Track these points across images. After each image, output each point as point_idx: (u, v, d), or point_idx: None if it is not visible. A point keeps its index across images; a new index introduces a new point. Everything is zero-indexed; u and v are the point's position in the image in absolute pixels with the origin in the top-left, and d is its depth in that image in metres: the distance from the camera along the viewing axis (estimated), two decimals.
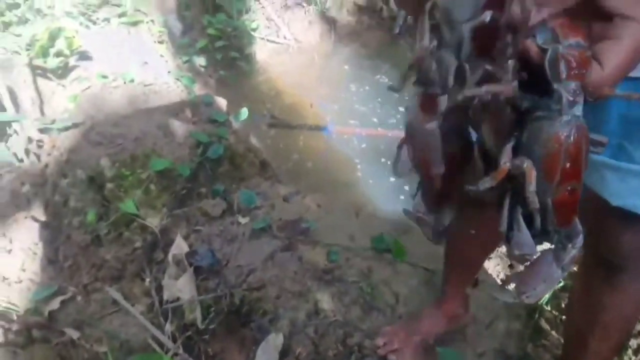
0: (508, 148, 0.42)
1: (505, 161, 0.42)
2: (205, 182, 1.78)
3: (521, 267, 0.55)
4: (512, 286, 0.51)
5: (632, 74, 0.62)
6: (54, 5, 2.32)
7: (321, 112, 2.57)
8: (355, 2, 3.12)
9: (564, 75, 0.38)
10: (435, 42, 0.42)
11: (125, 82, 2.02)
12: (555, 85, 0.39)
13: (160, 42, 2.51)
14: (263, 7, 3.00)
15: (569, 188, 0.42)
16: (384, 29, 3.06)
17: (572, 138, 0.40)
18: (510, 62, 0.40)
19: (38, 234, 1.60)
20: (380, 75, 2.68)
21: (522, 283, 0.49)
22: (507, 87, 0.40)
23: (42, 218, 1.62)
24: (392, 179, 2.03)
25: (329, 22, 3.12)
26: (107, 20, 2.35)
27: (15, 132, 1.77)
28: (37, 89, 2.02)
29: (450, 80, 0.42)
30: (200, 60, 2.62)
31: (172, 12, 2.63)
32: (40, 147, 1.77)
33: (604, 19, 0.37)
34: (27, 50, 2.01)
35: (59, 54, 2.07)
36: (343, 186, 2.10)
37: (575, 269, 0.93)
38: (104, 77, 2.00)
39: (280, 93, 2.73)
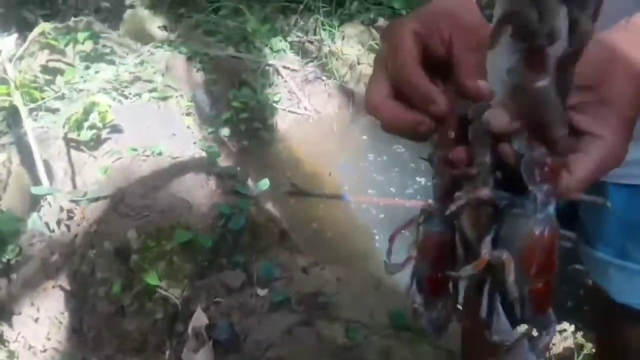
0: (488, 240, 0.45)
1: (486, 252, 0.45)
2: (226, 252, 1.82)
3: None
4: None
5: (630, 182, 0.65)
6: (89, 81, 2.49)
7: (340, 181, 2.64)
8: (360, 71, 3.26)
9: (538, 179, 0.42)
10: None
11: (153, 155, 2.12)
12: (530, 187, 0.42)
13: (188, 115, 2.64)
14: (285, 81, 3.14)
15: (544, 280, 0.44)
16: None
17: (546, 234, 0.43)
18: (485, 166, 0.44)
19: (64, 303, 1.65)
20: (397, 145, 2.75)
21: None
22: (484, 191, 0.44)
23: (69, 287, 1.68)
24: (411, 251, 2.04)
25: (348, 94, 3.24)
26: (138, 95, 2.50)
27: (49, 203, 1.86)
28: (70, 160, 2.14)
29: (557, 26, 0.38)
30: (225, 131, 2.74)
31: (200, 87, 2.78)
32: (70, 217, 1.85)
33: (577, 134, 0.43)
34: (63, 124, 2.13)
35: (92, 127, 2.20)
36: (362, 257, 2.13)
37: None
38: (134, 150, 2.11)
39: (300, 162, 2.81)
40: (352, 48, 3.32)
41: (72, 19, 2.85)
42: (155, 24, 3.07)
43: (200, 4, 3.32)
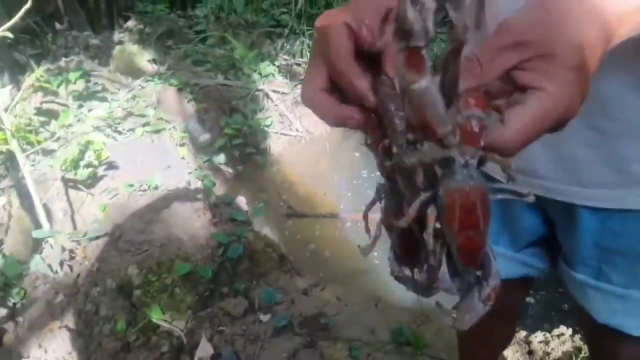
0: (418, 200, 0.47)
1: (412, 208, 0.47)
2: (226, 281, 1.85)
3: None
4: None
5: (603, 205, 0.66)
6: (83, 120, 2.54)
7: (335, 199, 2.68)
8: None
9: (456, 141, 0.43)
10: None
11: (150, 189, 2.16)
12: (447, 152, 0.44)
13: (182, 145, 2.69)
14: (276, 104, 3.20)
15: (468, 235, 0.46)
16: None
17: (464, 193, 0.45)
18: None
19: (71, 343, 1.68)
20: None
21: (457, 313, 0.54)
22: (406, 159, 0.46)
23: (75, 327, 1.71)
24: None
25: None
26: (132, 130, 2.55)
27: (50, 244, 1.90)
28: (68, 200, 2.18)
29: (430, 27, 0.40)
30: (219, 159, 2.78)
31: (193, 117, 2.83)
32: (72, 257, 1.88)
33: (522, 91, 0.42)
34: (60, 165, 2.18)
35: (88, 165, 2.24)
36: (361, 275, 2.16)
37: None
38: (131, 185, 2.15)
39: (294, 183, 2.85)
40: None
41: (63, 59, 2.91)
42: (144, 58, 3.13)
43: (187, 35, 3.38)
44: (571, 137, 0.63)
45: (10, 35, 1.45)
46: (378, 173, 0.59)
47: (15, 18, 1.45)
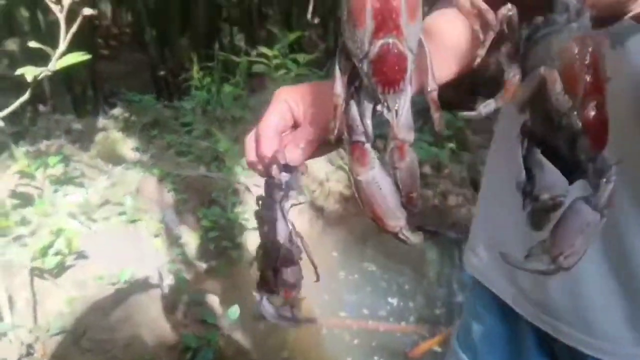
0: (515, 66, 0.39)
1: (515, 74, 0.38)
2: None
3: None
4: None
5: None
6: (57, 205, 2.47)
7: (311, 302, 2.60)
8: (341, 193, 3.36)
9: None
10: (353, 88, 0.41)
11: (119, 282, 2.07)
12: None
13: (157, 236, 2.62)
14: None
15: (595, 102, 0.36)
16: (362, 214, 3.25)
17: (588, 43, 0.36)
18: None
19: None
20: (367, 262, 2.78)
21: (555, 245, 0.41)
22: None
23: None
24: None
25: (317, 210, 3.31)
26: (107, 219, 2.48)
27: (9, 339, 1.76)
28: (32, 290, 2.06)
29: (368, 125, 0.41)
30: (194, 252, 2.71)
31: (171, 208, 2.79)
32: (31, 354, 1.75)
33: None
34: (29, 252, 2.08)
35: (57, 254, 2.15)
36: None
37: None
38: (100, 278, 2.05)
39: None
40: (321, 166, 3.44)
41: (44, 142, 2.89)
42: (127, 146, 3.14)
43: (172, 126, 3.43)
44: (592, 284, 0.63)
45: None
46: (356, 275, 0.62)
47: (12, 107, 1.45)
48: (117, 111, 3.43)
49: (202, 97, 3.77)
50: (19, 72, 1.36)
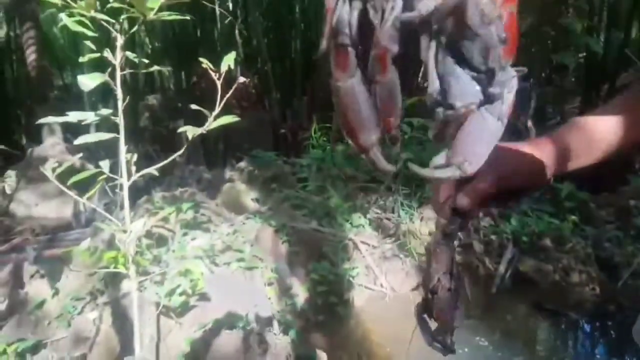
0: None
1: None
2: None
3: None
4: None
5: None
6: (186, 247, 2.68)
7: None
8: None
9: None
10: None
11: (236, 327, 2.17)
12: None
13: (270, 285, 2.72)
14: (363, 256, 3.22)
15: (509, 11, 0.39)
16: (479, 287, 3.12)
17: None
18: None
19: None
20: (480, 337, 2.64)
21: (458, 152, 0.43)
22: None
23: None
24: None
25: None
26: (228, 264, 2.64)
27: None
28: (158, 326, 2.22)
29: (354, 27, 0.40)
30: (303, 304, 2.77)
31: (283, 259, 2.89)
32: None
33: None
34: (159, 290, 2.26)
35: (182, 294, 2.31)
36: None
37: None
38: (218, 321, 2.16)
39: (375, 344, 2.74)
40: (430, 229, 3.40)
41: (179, 189, 3.18)
42: (249, 197, 3.34)
43: (290, 181, 3.61)
44: None
45: (156, 173, 1.61)
46: (467, 349, 0.65)
47: (167, 160, 1.63)
48: (242, 164, 3.69)
49: (318, 155, 3.95)
50: (180, 130, 1.54)
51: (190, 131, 1.54)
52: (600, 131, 0.69)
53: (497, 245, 3.45)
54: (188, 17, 1.48)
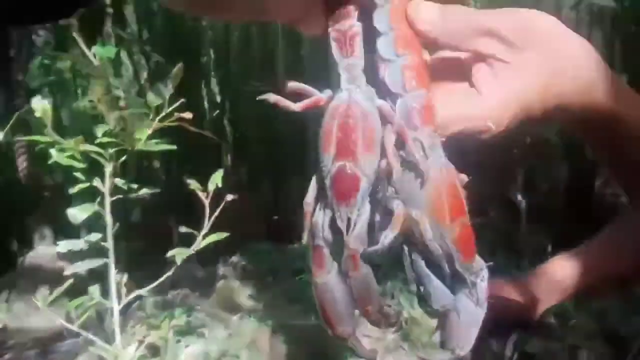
0: (397, 202, 0.43)
1: (398, 205, 0.42)
2: None
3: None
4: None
5: None
6: (178, 357, 2.58)
7: None
8: None
9: (417, 124, 0.45)
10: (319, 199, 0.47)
11: None
12: (410, 138, 0.45)
13: None
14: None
15: (461, 223, 0.43)
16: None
17: (445, 173, 0.43)
18: None
19: None
20: None
21: (451, 339, 0.48)
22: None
23: None
24: None
25: None
26: None
27: None
28: None
29: (327, 231, 0.45)
30: None
31: None
32: None
33: None
34: None
35: None
36: None
37: None
38: None
39: None
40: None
41: (170, 292, 3.12)
42: (244, 294, 3.28)
43: (285, 272, 3.56)
44: None
45: (146, 294, 1.59)
46: None
47: (157, 282, 1.61)
48: (235, 259, 3.66)
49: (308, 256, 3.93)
50: (169, 254, 1.53)
51: (179, 255, 1.53)
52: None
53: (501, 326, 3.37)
54: (175, 147, 1.52)
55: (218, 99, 6.06)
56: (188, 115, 1.45)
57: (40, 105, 1.38)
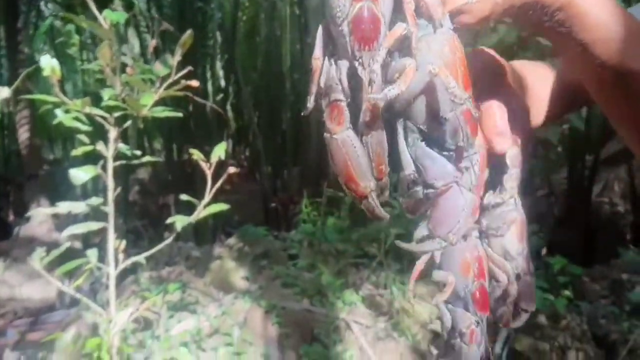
0: (411, 60, 0.42)
1: (411, 62, 0.41)
2: None
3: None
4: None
5: None
6: (171, 331, 2.59)
7: None
8: (432, 330, 3.20)
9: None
10: (329, 52, 0.44)
11: None
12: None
13: None
14: (357, 337, 3.13)
15: (470, 97, 0.42)
16: None
17: (457, 43, 0.43)
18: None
19: None
20: None
21: (441, 225, 0.46)
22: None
23: None
24: None
25: (421, 355, 3.15)
26: (215, 349, 2.55)
27: None
28: None
29: (345, 83, 0.43)
30: None
31: (274, 342, 2.81)
32: None
33: None
34: None
35: None
36: None
37: None
38: None
39: None
40: (424, 306, 3.34)
41: (166, 268, 3.12)
42: (238, 275, 3.29)
43: (281, 257, 3.57)
44: None
45: (143, 261, 1.59)
46: None
47: (156, 249, 1.62)
48: (232, 241, 3.66)
49: (309, 230, 3.93)
50: (169, 221, 1.53)
51: (179, 222, 1.53)
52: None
53: (492, 323, 3.38)
54: (181, 114, 1.51)
55: (222, 83, 6.05)
56: (195, 83, 1.45)
57: (49, 63, 1.38)
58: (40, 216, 3.79)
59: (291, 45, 5.83)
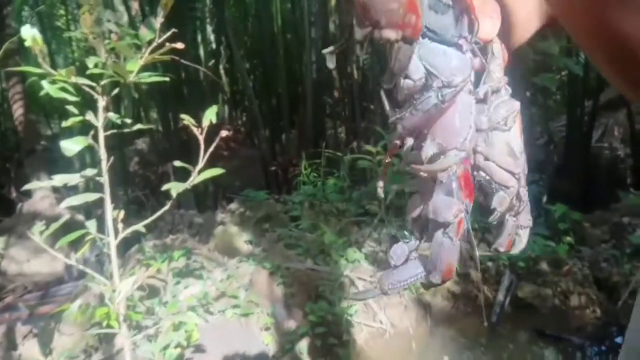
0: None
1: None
2: None
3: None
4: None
5: None
6: (178, 297, 2.63)
7: None
8: (449, 289, 3.24)
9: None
10: None
11: None
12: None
13: (267, 330, 2.68)
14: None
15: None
16: (479, 317, 3.08)
17: None
18: None
19: None
20: None
21: (448, 135, 0.46)
22: None
23: None
24: None
25: (424, 307, 3.20)
26: (222, 312, 2.59)
27: None
28: None
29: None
30: (301, 348, 2.72)
31: (280, 301, 2.85)
32: None
33: None
34: (156, 347, 2.21)
35: (177, 346, 2.26)
36: None
37: None
38: None
39: None
40: None
41: (170, 236, 3.15)
42: (242, 239, 3.32)
43: (283, 220, 3.59)
44: None
45: (143, 230, 1.60)
46: None
47: (155, 216, 1.62)
48: (233, 206, 3.68)
49: (309, 191, 3.94)
50: (165, 187, 1.53)
51: (175, 188, 1.53)
52: None
53: (495, 273, 3.43)
54: (167, 79, 1.49)
55: (214, 47, 5.94)
56: (180, 45, 1.42)
57: (30, 33, 1.34)
58: (42, 191, 3.80)
59: (281, 3, 5.70)
